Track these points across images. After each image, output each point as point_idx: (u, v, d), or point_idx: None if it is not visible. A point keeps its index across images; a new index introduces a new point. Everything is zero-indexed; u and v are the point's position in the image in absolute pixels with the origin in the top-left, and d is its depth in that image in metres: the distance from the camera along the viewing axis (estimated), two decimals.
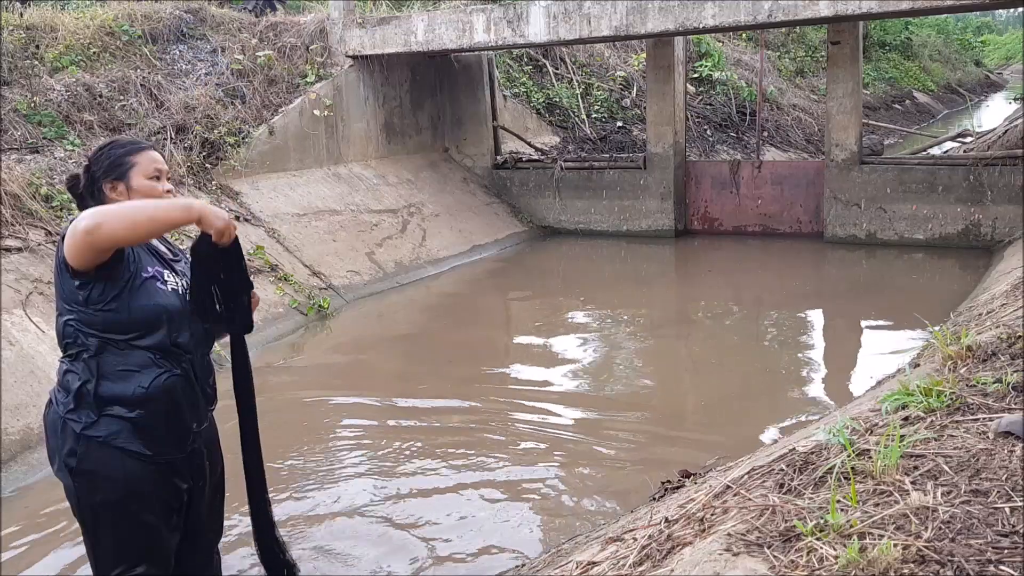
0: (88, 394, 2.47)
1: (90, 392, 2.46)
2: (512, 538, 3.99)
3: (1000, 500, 1.81)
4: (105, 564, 2.57)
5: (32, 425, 4.98)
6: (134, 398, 2.48)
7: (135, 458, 2.50)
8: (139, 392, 2.48)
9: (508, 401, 5.97)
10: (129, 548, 2.55)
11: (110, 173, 2.60)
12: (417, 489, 4.53)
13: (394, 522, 4.18)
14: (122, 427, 2.48)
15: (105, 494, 2.49)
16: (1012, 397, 2.40)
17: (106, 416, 2.48)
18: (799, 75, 21.29)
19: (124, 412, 2.48)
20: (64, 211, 7.08)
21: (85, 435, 2.47)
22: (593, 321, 8.19)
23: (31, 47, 9.33)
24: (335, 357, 7.30)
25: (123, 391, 2.47)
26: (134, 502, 2.51)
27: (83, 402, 2.48)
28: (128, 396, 2.47)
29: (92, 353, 2.47)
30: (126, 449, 2.49)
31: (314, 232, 9.26)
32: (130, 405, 2.48)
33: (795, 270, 9.91)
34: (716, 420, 5.50)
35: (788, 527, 1.84)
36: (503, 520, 4.16)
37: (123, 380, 2.47)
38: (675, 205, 11.39)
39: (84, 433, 2.47)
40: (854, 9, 8.41)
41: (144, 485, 2.52)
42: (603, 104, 15.11)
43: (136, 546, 2.55)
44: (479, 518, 4.18)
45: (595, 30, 9.51)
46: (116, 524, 2.52)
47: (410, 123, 11.88)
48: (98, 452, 2.48)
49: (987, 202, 9.74)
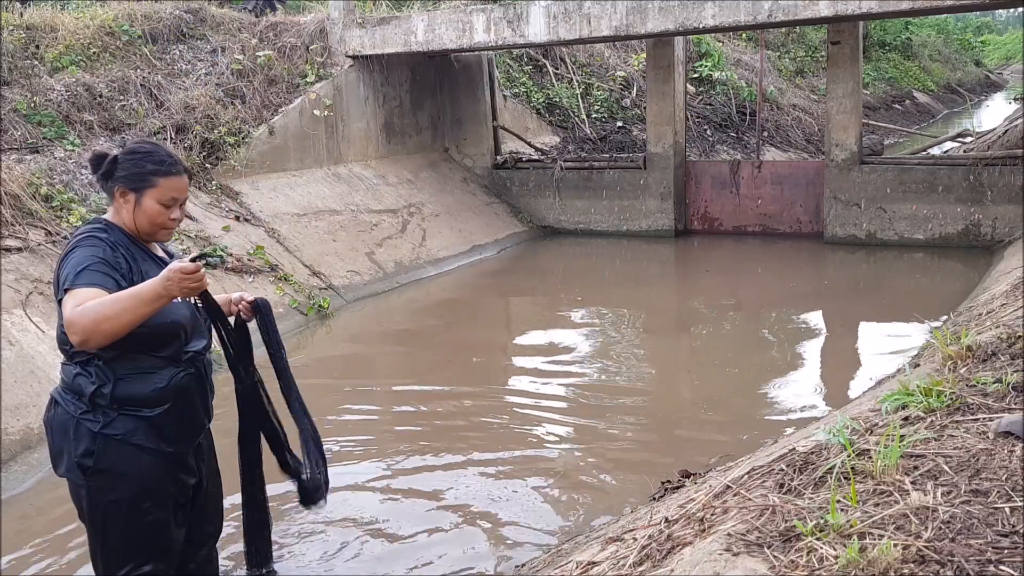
0: (104, 396, 2.51)
1: (106, 395, 2.51)
2: (512, 538, 3.99)
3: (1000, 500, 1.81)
4: (113, 564, 2.59)
5: (32, 425, 4.97)
6: (152, 397, 2.55)
7: (151, 454, 2.57)
8: (156, 392, 2.56)
9: (507, 401, 5.97)
10: (138, 546, 2.58)
11: (129, 181, 2.58)
12: (415, 489, 4.53)
13: (392, 522, 4.17)
14: (139, 424, 2.54)
15: (120, 491, 2.54)
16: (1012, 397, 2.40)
17: (123, 415, 2.53)
18: (799, 75, 21.29)
19: (142, 411, 2.54)
20: (64, 211, 7.08)
21: (103, 434, 2.52)
22: (593, 321, 8.19)
23: (31, 47, 9.33)
24: (335, 357, 7.30)
25: (141, 391, 2.54)
26: (147, 499, 2.57)
27: (99, 404, 2.52)
28: (146, 396, 2.54)
29: (106, 359, 2.51)
30: (143, 446, 2.55)
31: (314, 232, 9.26)
32: (148, 404, 2.55)
33: (795, 270, 9.90)
34: (715, 420, 5.50)
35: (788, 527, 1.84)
36: (503, 520, 4.16)
37: (140, 381, 2.54)
38: (675, 205, 11.39)
39: (102, 432, 2.52)
40: (854, 9, 8.41)
41: (157, 481, 2.59)
42: (603, 104, 15.10)
43: (145, 543, 2.59)
44: (478, 517, 4.18)
45: (595, 30, 9.51)
46: (128, 522, 2.57)
47: (410, 123, 11.88)
48: (116, 450, 2.53)
49: (987, 202, 9.74)
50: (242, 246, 8.13)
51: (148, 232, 2.63)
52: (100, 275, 2.43)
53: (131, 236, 2.61)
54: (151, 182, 2.57)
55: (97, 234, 2.54)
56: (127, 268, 2.51)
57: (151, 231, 2.62)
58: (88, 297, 2.35)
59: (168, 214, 2.61)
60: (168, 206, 2.60)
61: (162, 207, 2.59)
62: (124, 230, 2.60)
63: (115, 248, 2.52)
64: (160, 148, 2.66)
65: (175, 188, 2.61)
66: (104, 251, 2.49)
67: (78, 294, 2.37)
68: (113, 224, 2.61)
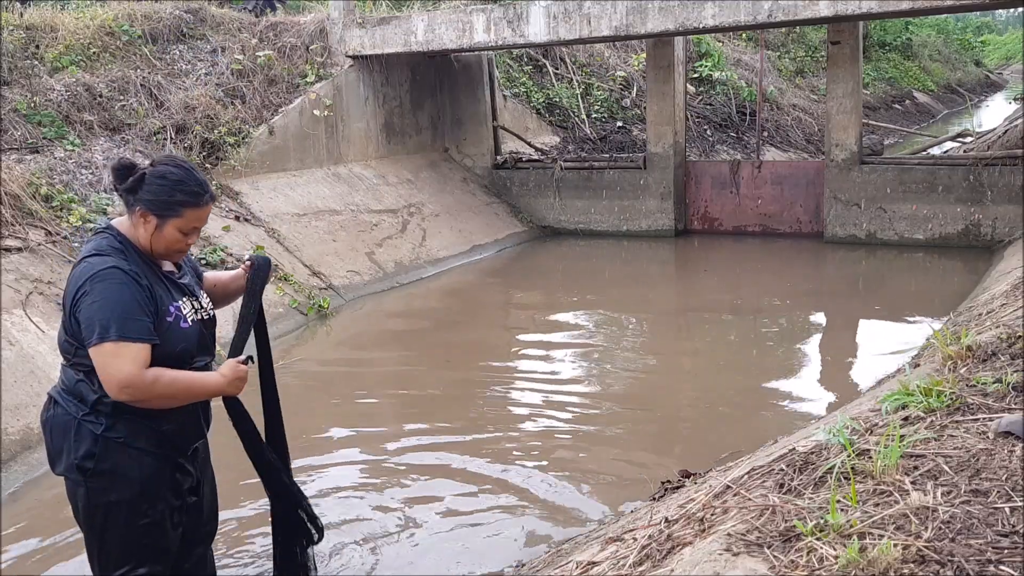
0: (107, 405, 2.51)
1: (108, 404, 2.51)
2: (511, 538, 3.99)
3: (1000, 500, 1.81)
4: (109, 565, 2.60)
5: (32, 425, 4.97)
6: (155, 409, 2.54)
7: (152, 457, 2.57)
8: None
9: (507, 400, 5.97)
10: (135, 547, 2.59)
11: (155, 207, 2.51)
12: (415, 488, 4.53)
13: (390, 521, 4.18)
14: (140, 429, 2.54)
15: (119, 493, 2.53)
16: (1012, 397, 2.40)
17: (126, 419, 2.53)
18: (799, 75, 21.29)
19: (145, 417, 2.54)
20: (64, 211, 7.08)
21: (105, 436, 2.52)
22: (593, 321, 8.19)
23: (31, 47, 9.33)
24: (335, 356, 7.30)
25: None
26: (145, 501, 2.57)
27: (101, 411, 2.52)
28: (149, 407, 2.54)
29: None
30: (144, 450, 2.55)
31: (314, 232, 9.26)
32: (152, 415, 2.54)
33: (795, 270, 9.90)
34: (716, 420, 5.50)
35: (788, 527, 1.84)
36: (502, 519, 4.16)
37: None
38: (675, 205, 11.39)
39: (104, 435, 2.52)
40: (854, 9, 8.41)
41: (155, 484, 2.59)
42: (603, 104, 15.10)
43: (142, 545, 2.60)
44: (478, 517, 4.18)
45: (595, 30, 9.51)
46: (127, 523, 2.57)
47: (410, 123, 11.88)
48: (118, 452, 2.53)
49: (987, 202, 9.74)
50: (242, 246, 8.13)
51: (162, 255, 2.60)
52: (145, 325, 2.43)
53: (143, 255, 2.57)
54: (177, 212, 2.52)
55: (121, 265, 2.46)
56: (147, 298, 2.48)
57: (165, 255, 2.60)
58: (143, 358, 2.40)
59: (186, 240, 2.58)
60: (187, 234, 2.57)
61: (182, 235, 2.56)
62: (137, 248, 2.56)
63: (138, 279, 2.47)
64: (192, 175, 2.57)
65: (200, 218, 2.58)
66: (135, 290, 2.44)
67: (134, 349, 2.38)
68: (127, 240, 2.55)
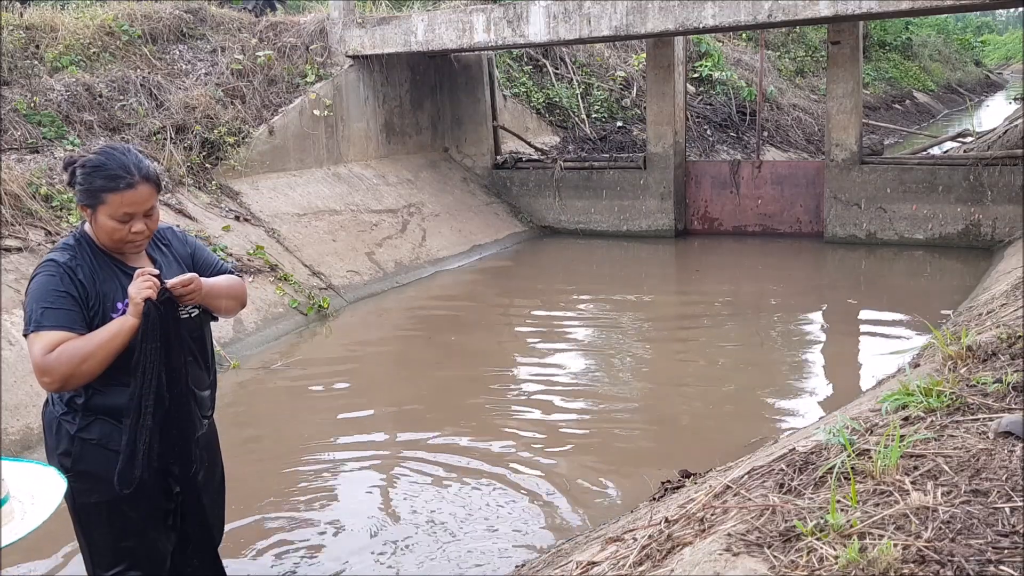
0: (78, 405, 2.50)
1: (79, 405, 2.50)
2: (511, 538, 3.99)
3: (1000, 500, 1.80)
4: (100, 564, 2.59)
5: (32, 425, 4.98)
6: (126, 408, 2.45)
7: None
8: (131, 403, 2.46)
9: (507, 401, 5.97)
10: (121, 549, 2.57)
11: (83, 197, 2.47)
12: (415, 488, 4.53)
13: (392, 521, 4.18)
14: (114, 431, 2.49)
15: (99, 494, 2.51)
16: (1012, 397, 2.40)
17: (100, 420, 2.51)
18: (799, 75, 21.29)
19: (117, 419, 2.48)
20: (64, 211, 7.08)
21: (79, 437, 2.51)
22: (592, 321, 8.19)
23: (31, 47, 9.33)
24: (335, 357, 7.30)
25: (115, 402, 2.48)
26: (125, 503, 2.51)
27: (75, 410, 2.51)
28: (121, 407, 2.46)
29: None
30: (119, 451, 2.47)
31: (314, 232, 9.26)
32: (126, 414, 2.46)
33: (795, 270, 9.90)
34: (716, 420, 5.50)
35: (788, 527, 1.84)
36: (502, 519, 4.16)
37: (115, 394, 2.47)
38: (675, 205, 11.39)
39: (78, 435, 2.51)
40: (854, 9, 8.40)
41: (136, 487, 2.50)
42: (603, 104, 15.10)
43: (128, 547, 2.58)
44: (478, 517, 4.18)
45: (595, 30, 9.51)
46: (111, 525, 2.55)
47: (410, 123, 11.88)
48: (93, 454, 2.51)
49: (987, 202, 9.74)
50: (242, 246, 8.13)
51: (112, 248, 2.51)
52: (65, 313, 2.37)
53: (101, 250, 2.51)
54: (101, 199, 2.42)
55: (57, 257, 2.44)
56: (85, 294, 2.42)
57: (115, 247, 2.51)
58: (57, 341, 2.33)
59: (127, 228, 2.45)
60: (124, 221, 2.45)
61: (118, 223, 2.44)
62: (95, 243, 2.51)
63: (73, 273, 2.42)
64: (112, 159, 2.44)
65: (128, 203, 2.42)
66: (63, 281, 2.40)
67: (45, 337, 2.34)
68: (86, 236, 2.52)
